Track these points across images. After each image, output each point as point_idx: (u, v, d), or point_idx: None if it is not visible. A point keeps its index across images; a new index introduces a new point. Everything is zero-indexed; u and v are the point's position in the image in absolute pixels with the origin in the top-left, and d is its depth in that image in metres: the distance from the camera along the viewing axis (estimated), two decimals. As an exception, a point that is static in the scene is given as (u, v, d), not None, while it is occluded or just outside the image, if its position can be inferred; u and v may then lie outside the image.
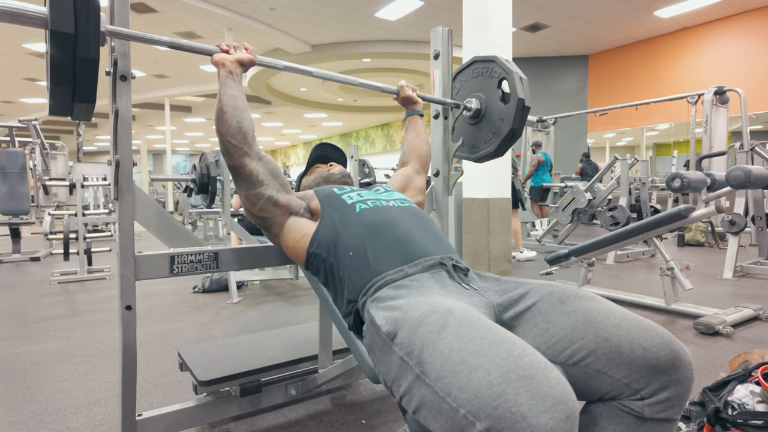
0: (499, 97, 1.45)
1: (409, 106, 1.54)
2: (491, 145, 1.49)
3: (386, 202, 1.15)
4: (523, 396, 0.58)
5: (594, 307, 0.83)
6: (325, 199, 1.17)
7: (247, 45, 1.19)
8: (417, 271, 0.96)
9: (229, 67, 1.14)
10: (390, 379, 0.79)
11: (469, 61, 1.57)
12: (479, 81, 1.53)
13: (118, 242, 1.11)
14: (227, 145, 1.11)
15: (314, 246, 1.10)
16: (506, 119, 1.42)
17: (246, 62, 1.17)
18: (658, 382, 0.74)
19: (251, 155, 1.12)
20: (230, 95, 1.12)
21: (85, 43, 0.89)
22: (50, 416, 1.57)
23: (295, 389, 1.55)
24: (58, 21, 0.86)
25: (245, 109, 1.13)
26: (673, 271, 2.60)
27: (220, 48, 1.15)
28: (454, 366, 0.66)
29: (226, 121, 1.10)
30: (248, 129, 1.12)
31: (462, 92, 1.59)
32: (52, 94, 0.93)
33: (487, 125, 1.50)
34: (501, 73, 1.45)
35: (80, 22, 0.88)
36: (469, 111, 1.53)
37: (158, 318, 2.80)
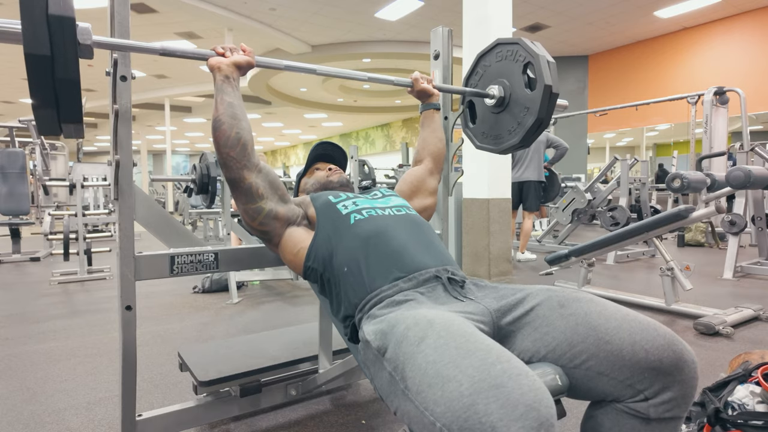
0: (525, 83, 1.32)
1: (425, 99, 1.44)
2: (516, 136, 1.36)
3: (382, 211, 1.12)
4: (493, 405, 0.57)
5: (594, 309, 0.82)
6: (321, 209, 1.14)
7: (244, 46, 1.12)
8: (411, 286, 0.95)
9: (225, 72, 1.07)
10: (384, 395, 0.79)
11: (492, 44, 1.43)
12: (503, 65, 1.40)
13: (118, 242, 1.11)
14: (225, 158, 1.05)
15: (310, 260, 1.08)
16: (531, 108, 1.29)
17: (244, 65, 1.10)
18: (661, 382, 0.74)
19: (250, 167, 1.07)
20: (227, 103, 1.05)
21: (62, 64, 0.85)
22: (50, 416, 1.57)
23: (295, 389, 1.55)
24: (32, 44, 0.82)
25: (244, 117, 1.07)
26: (673, 271, 2.60)
27: (215, 51, 1.09)
28: (430, 379, 0.65)
29: (224, 131, 1.04)
30: (247, 140, 1.07)
31: (485, 78, 1.46)
32: (36, 117, 0.90)
33: (512, 114, 1.37)
34: (526, 57, 1.31)
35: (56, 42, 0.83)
36: (492, 99, 1.39)
37: (158, 318, 2.80)
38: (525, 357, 0.85)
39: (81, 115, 0.93)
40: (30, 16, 0.81)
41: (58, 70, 0.85)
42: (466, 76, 1.54)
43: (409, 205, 1.22)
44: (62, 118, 0.91)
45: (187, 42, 8.81)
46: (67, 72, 0.86)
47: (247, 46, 1.13)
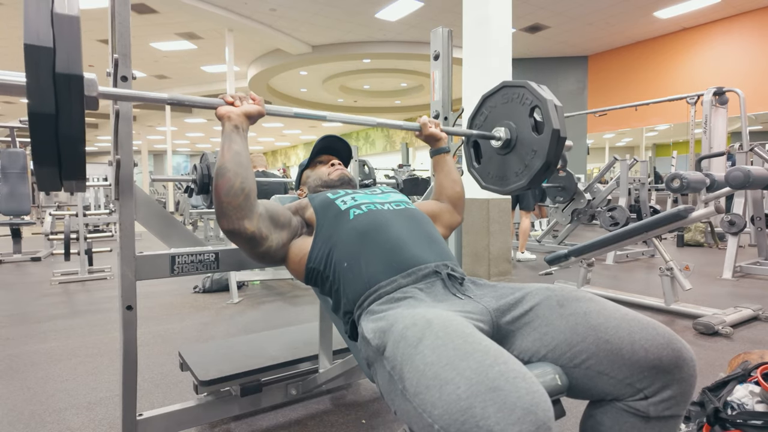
0: (531, 126, 1.34)
1: (434, 144, 1.40)
2: (523, 179, 1.37)
3: (381, 206, 1.12)
4: (491, 409, 0.57)
5: (593, 308, 0.82)
6: (320, 207, 1.14)
7: (253, 95, 1.09)
8: (410, 282, 0.95)
9: (235, 122, 1.03)
10: (385, 393, 0.79)
11: (498, 86, 1.46)
12: (509, 108, 1.42)
13: (119, 242, 1.11)
14: (225, 208, 0.99)
15: (312, 262, 1.08)
16: (539, 151, 1.31)
17: (254, 114, 1.07)
18: (661, 381, 0.74)
19: (251, 217, 1.02)
20: (234, 152, 1.01)
21: (67, 123, 0.81)
22: (51, 416, 1.57)
23: (295, 389, 1.55)
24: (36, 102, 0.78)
25: (249, 166, 1.03)
26: (672, 271, 2.60)
27: (224, 100, 1.06)
28: (428, 381, 0.65)
29: (228, 179, 0.99)
30: (251, 189, 1.02)
31: (490, 119, 1.47)
32: (37, 175, 0.85)
33: (518, 156, 1.38)
34: (533, 101, 1.33)
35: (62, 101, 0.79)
36: (499, 141, 1.41)
37: (159, 318, 2.81)
38: (525, 357, 0.85)
39: (84, 172, 0.89)
40: (36, 73, 0.77)
41: (62, 128, 0.81)
42: (470, 116, 1.54)
43: (408, 201, 1.21)
44: (64, 176, 0.87)
45: (187, 42, 8.82)
46: (72, 130, 0.82)
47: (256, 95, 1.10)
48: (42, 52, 0.77)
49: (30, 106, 0.78)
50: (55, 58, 0.78)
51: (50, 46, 0.78)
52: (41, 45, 0.77)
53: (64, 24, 0.80)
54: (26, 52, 0.76)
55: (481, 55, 3.70)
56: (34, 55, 0.77)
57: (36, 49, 0.77)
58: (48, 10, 0.79)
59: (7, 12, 7.12)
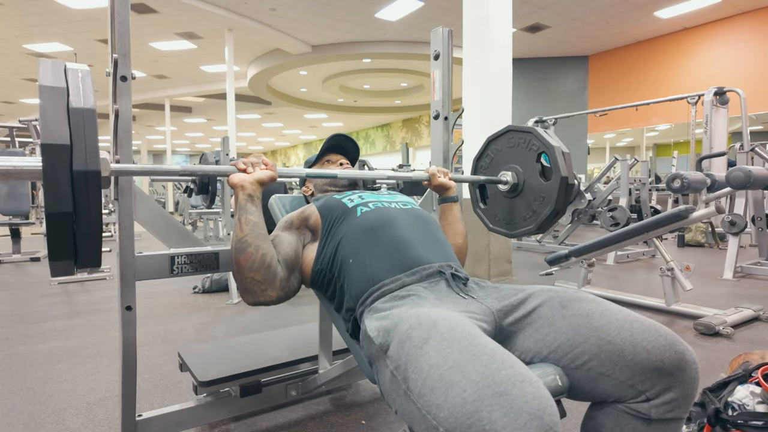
0: (539, 171, 1.35)
1: (443, 193, 1.39)
2: (530, 224, 1.38)
3: (388, 204, 1.13)
4: (497, 413, 0.57)
5: (595, 310, 0.82)
6: (325, 209, 1.14)
7: (265, 160, 1.09)
8: (414, 280, 0.95)
9: (248, 190, 1.03)
10: (386, 392, 0.79)
11: (503, 130, 1.46)
12: (515, 152, 1.42)
13: (118, 243, 1.11)
14: (249, 282, 1.00)
15: (318, 264, 1.08)
16: (547, 198, 1.32)
17: (266, 181, 1.06)
18: (663, 383, 0.74)
19: (275, 284, 1.02)
20: (252, 223, 1.01)
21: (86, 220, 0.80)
22: (50, 416, 1.57)
23: (295, 390, 1.55)
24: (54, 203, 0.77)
25: (267, 236, 1.03)
26: (673, 271, 2.60)
27: (236, 167, 1.05)
28: (433, 383, 0.65)
29: (249, 254, 0.99)
30: (272, 258, 1.02)
31: (495, 162, 1.48)
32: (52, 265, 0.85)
33: (525, 201, 1.39)
34: (540, 147, 1.34)
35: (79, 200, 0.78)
36: (505, 185, 1.43)
37: (158, 318, 2.80)
38: (526, 357, 0.85)
39: (100, 260, 0.88)
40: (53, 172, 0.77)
41: (81, 225, 0.80)
42: (475, 157, 1.55)
43: (414, 202, 1.22)
44: (79, 265, 0.86)
45: (187, 42, 8.80)
46: (91, 227, 0.81)
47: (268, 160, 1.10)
48: (59, 150, 0.77)
49: (47, 206, 0.77)
50: (72, 155, 0.78)
51: (67, 144, 0.78)
52: (58, 143, 0.77)
53: (80, 118, 0.80)
54: (43, 151, 0.77)
55: (481, 55, 3.70)
56: (51, 153, 0.76)
57: (53, 147, 0.77)
58: (64, 106, 0.80)
59: (7, 12, 7.11)
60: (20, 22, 7.55)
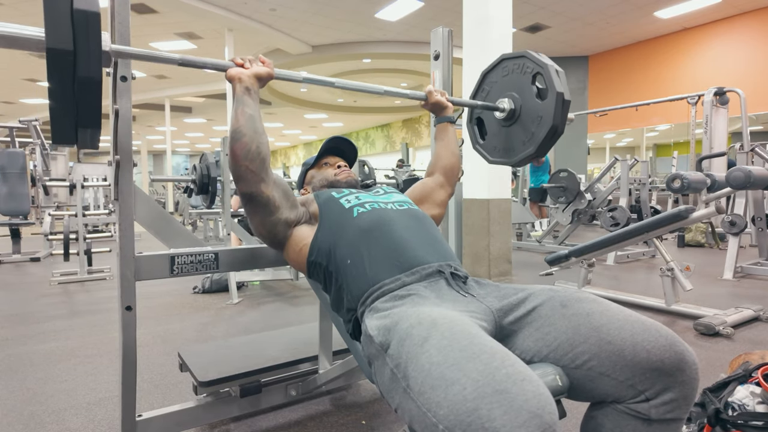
0: (535, 93, 1.33)
1: (439, 112, 1.42)
2: (530, 146, 1.36)
3: (384, 205, 1.13)
4: (497, 411, 0.57)
5: (596, 309, 0.82)
6: (324, 204, 1.14)
7: (263, 58, 1.10)
8: (414, 280, 0.95)
9: (246, 83, 1.05)
10: (385, 390, 0.79)
11: (496, 60, 1.45)
12: (510, 79, 1.41)
13: (119, 243, 1.11)
14: (243, 171, 1.02)
15: (314, 255, 1.08)
16: (545, 116, 1.30)
17: (264, 76, 1.08)
18: (662, 383, 0.74)
19: (267, 181, 1.05)
20: (248, 115, 1.03)
21: (85, 62, 0.81)
22: (50, 417, 1.57)
23: (295, 390, 1.55)
24: (54, 39, 0.79)
25: (263, 132, 1.05)
26: (673, 271, 2.59)
27: (234, 62, 1.07)
28: (434, 381, 0.65)
29: (244, 144, 1.01)
30: (266, 154, 1.04)
31: (492, 94, 1.47)
32: (53, 121, 0.86)
33: (523, 126, 1.38)
34: (534, 68, 1.32)
35: (79, 39, 0.80)
36: (503, 112, 1.40)
37: (158, 319, 2.80)
38: (526, 357, 0.85)
39: (99, 119, 0.89)
40: (54, 9, 0.78)
41: (80, 68, 0.81)
42: (471, 94, 1.54)
43: (411, 201, 1.22)
44: (80, 123, 0.87)
45: (187, 42, 8.82)
46: (90, 70, 0.82)
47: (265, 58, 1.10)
48: None
49: (48, 43, 0.78)
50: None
51: None
52: None
53: None
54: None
55: (481, 55, 3.70)
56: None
57: None
58: None
59: (7, 12, 7.11)
60: (20, 22, 7.51)
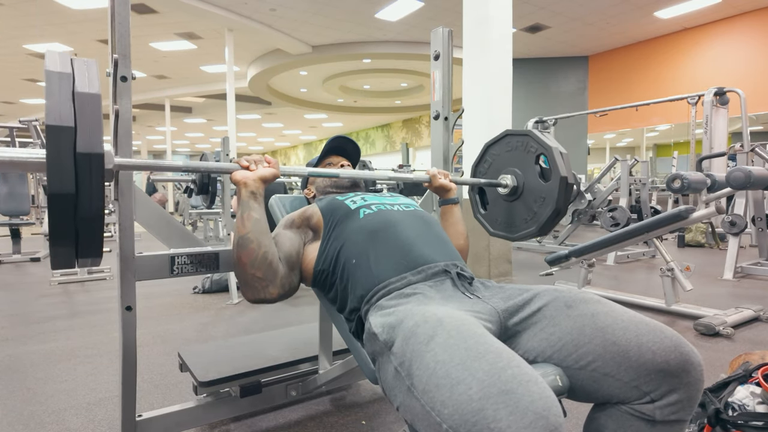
0: (538, 173, 1.36)
1: (443, 194, 1.39)
2: (532, 225, 1.39)
3: (390, 206, 1.13)
4: (502, 412, 0.57)
5: (601, 310, 0.82)
6: (327, 210, 1.14)
7: (268, 158, 1.09)
8: (420, 279, 0.95)
9: (251, 187, 1.03)
10: (388, 388, 0.79)
11: (500, 135, 1.48)
12: (513, 155, 1.44)
13: (119, 243, 1.11)
14: (250, 279, 1.00)
15: (320, 264, 1.08)
16: (548, 198, 1.33)
17: (269, 178, 1.06)
18: (668, 384, 0.74)
19: (275, 281, 1.03)
20: (254, 220, 1.01)
21: (87, 202, 0.80)
22: (50, 417, 1.57)
23: (295, 390, 1.55)
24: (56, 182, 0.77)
25: (268, 233, 1.04)
26: (673, 271, 2.59)
27: (239, 164, 1.06)
28: (438, 380, 0.65)
29: (251, 251, 0.99)
30: (273, 255, 1.02)
31: (494, 167, 1.49)
32: (52, 253, 0.85)
33: (526, 203, 1.40)
34: (538, 149, 1.35)
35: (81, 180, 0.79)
36: (505, 188, 1.43)
37: (158, 319, 2.80)
38: (530, 357, 0.85)
39: (101, 250, 0.88)
40: (57, 153, 0.78)
41: (81, 207, 0.81)
42: (474, 163, 1.55)
43: (416, 204, 1.22)
44: (80, 254, 0.87)
45: (187, 42, 8.80)
46: (91, 209, 0.82)
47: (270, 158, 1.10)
48: (63, 132, 0.78)
49: (50, 186, 0.78)
50: (76, 138, 0.79)
51: (72, 126, 0.79)
52: (63, 125, 0.78)
53: (86, 102, 0.81)
54: (48, 132, 0.78)
55: (481, 55, 3.70)
56: (55, 134, 0.77)
57: (58, 129, 0.77)
58: (69, 90, 0.80)
59: (7, 12, 7.11)
60: (20, 22, 7.55)
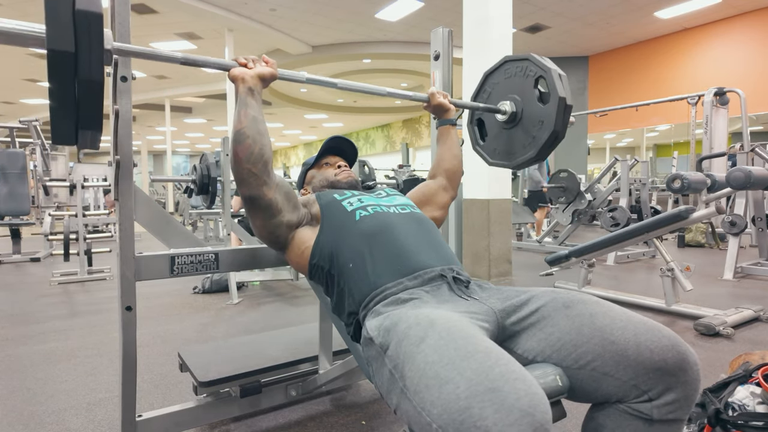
0: (537, 97, 1.34)
1: (441, 115, 1.39)
2: (531, 150, 1.36)
3: (387, 208, 1.12)
4: (489, 410, 0.57)
5: (599, 311, 0.82)
6: (326, 207, 1.14)
7: (266, 58, 1.08)
8: (416, 284, 0.95)
9: (249, 83, 1.02)
10: (384, 391, 0.79)
11: (499, 62, 1.44)
12: (512, 82, 1.41)
13: (119, 243, 1.11)
14: (246, 174, 1.00)
15: (316, 258, 1.08)
16: (546, 121, 1.30)
17: (267, 76, 1.06)
18: (665, 383, 0.74)
19: (270, 183, 1.03)
20: (252, 117, 1.00)
21: (87, 64, 0.79)
22: (50, 417, 1.57)
23: (295, 390, 1.55)
24: (55, 40, 0.76)
25: (266, 133, 1.03)
26: (673, 272, 2.59)
27: (237, 62, 1.05)
28: (428, 380, 0.65)
29: (247, 146, 0.99)
30: (269, 156, 1.03)
31: (494, 95, 1.47)
32: (53, 123, 0.84)
33: (525, 129, 1.38)
34: (537, 72, 1.32)
35: (81, 40, 0.78)
36: (504, 115, 1.40)
37: (158, 319, 2.80)
38: (529, 356, 0.85)
39: (101, 121, 0.87)
40: (55, 10, 0.76)
41: (81, 69, 0.79)
42: (473, 95, 1.53)
43: (413, 204, 1.22)
44: (81, 125, 0.85)
45: (187, 42, 8.81)
46: (91, 72, 0.80)
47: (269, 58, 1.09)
48: None
49: (49, 44, 0.76)
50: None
51: None
52: None
53: None
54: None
55: (481, 55, 3.70)
56: None
57: None
58: None
59: (7, 12, 7.11)
60: (20, 23, 7.54)
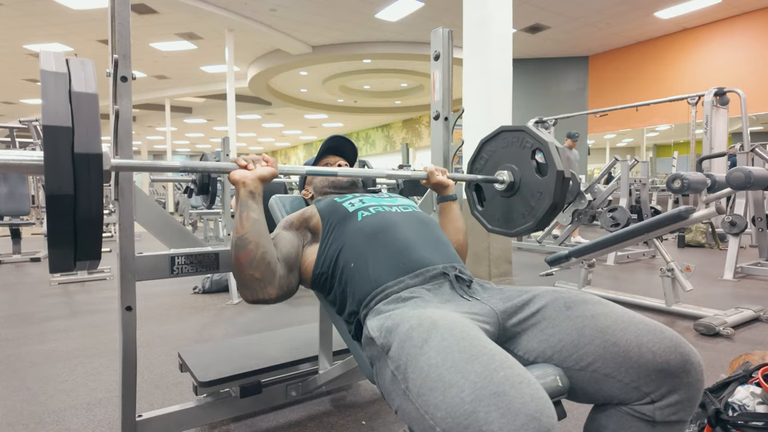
0: (534, 168, 1.37)
1: (441, 191, 1.38)
2: (530, 220, 1.39)
3: (389, 208, 1.12)
4: (494, 414, 0.57)
5: (600, 311, 0.82)
6: (326, 211, 1.14)
7: (266, 157, 1.07)
8: (418, 282, 0.95)
9: (250, 187, 1.01)
10: (386, 392, 0.79)
11: (495, 131, 1.48)
12: (509, 151, 1.44)
13: (119, 243, 1.11)
14: (249, 280, 0.99)
15: (319, 267, 1.08)
16: (545, 192, 1.33)
17: (268, 177, 1.05)
18: (668, 385, 0.74)
19: (274, 281, 1.01)
20: (253, 220, 1.00)
21: (86, 203, 0.79)
22: (50, 417, 1.57)
23: (295, 390, 1.55)
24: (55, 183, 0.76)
25: (267, 233, 1.02)
26: (673, 272, 2.59)
27: (237, 164, 1.04)
28: (432, 383, 0.65)
29: (249, 251, 0.98)
30: (272, 257, 1.01)
31: (491, 163, 1.50)
32: (51, 255, 0.84)
33: (523, 198, 1.41)
34: (534, 144, 1.36)
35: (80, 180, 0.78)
36: (502, 184, 1.43)
37: (158, 319, 2.80)
38: (530, 357, 0.85)
39: (100, 252, 0.87)
40: (54, 154, 0.76)
41: (80, 209, 0.79)
42: (470, 160, 1.56)
43: (415, 205, 1.22)
44: (79, 257, 0.85)
45: (187, 42, 8.80)
46: (91, 211, 0.80)
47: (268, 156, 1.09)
48: (61, 132, 0.77)
49: (48, 188, 0.76)
50: (74, 138, 0.78)
51: (69, 126, 0.77)
52: (60, 125, 0.77)
53: (83, 102, 0.80)
54: (45, 132, 0.76)
55: (481, 55, 3.70)
56: (52, 135, 0.76)
57: (55, 129, 0.76)
58: (66, 90, 0.79)
59: (7, 12, 7.11)
60: (20, 22, 7.55)
